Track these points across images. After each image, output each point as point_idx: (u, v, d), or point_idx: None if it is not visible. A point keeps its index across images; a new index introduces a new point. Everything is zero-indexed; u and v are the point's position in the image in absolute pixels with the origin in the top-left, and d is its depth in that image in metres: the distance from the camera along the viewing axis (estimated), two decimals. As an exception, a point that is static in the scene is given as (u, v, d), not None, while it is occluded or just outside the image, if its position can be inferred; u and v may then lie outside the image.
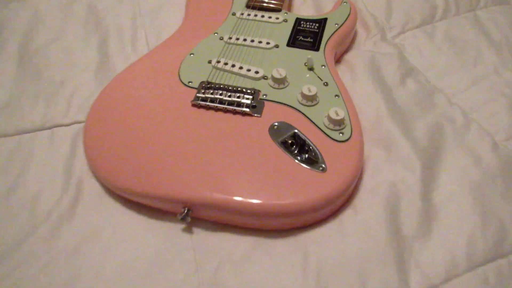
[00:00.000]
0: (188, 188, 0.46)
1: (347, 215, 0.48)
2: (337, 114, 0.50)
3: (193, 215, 0.47)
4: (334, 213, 0.48)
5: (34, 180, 0.53)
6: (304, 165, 0.47)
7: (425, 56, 0.66)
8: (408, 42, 0.69)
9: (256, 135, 0.50)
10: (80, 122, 0.60)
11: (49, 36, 0.71)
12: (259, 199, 0.45)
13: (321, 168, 0.47)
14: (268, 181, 0.46)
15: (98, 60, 0.68)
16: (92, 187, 0.52)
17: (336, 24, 0.65)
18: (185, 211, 0.46)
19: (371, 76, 0.62)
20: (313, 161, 0.48)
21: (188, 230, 0.48)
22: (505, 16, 0.71)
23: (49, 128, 0.59)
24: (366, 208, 0.48)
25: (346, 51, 0.68)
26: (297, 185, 0.46)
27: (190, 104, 0.54)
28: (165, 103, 0.55)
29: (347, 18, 0.66)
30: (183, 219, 0.46)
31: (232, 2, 0.70)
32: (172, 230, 0.48)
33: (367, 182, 0.50)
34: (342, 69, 0.64)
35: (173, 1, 0.77)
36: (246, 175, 0.47)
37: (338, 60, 0.67)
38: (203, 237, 0.48)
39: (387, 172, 0.51)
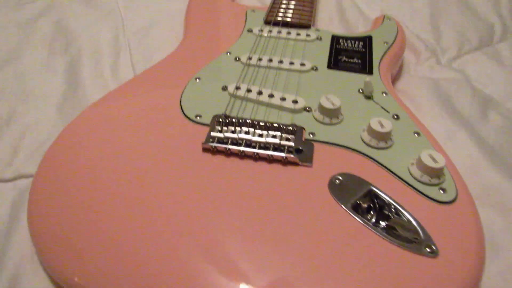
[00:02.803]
0: (213, 280, 0.27)
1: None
2: (434, 160, 0.32)
3: None
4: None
5: None
6: (401, 247, 0.29)
7: (498, 83, 0.51)
8: (470, 67, 0.54)
9: (311, 196, 0.32)
10: (28, 177, 0.40)
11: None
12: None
13: (429, 250, 0.28)
14: (343, 277, 0.27)
15: (64, 89, 0.50)
16: (36, 284, 0.32)
17: (385, 42, 0.49)
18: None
19: (443, 108, 0.46)
20: (414, 238, 0.29)
21: None
22: None
23: (-19, 185, 0.39)
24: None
25: (396, 78, 0.53)
26: (397, 282, 0.27)
27: (200, 148, 0.36)
28: (162, 148, 0.36)
29: (396, 36, 0.51)
30: None
31: (246, 17, 0.54)
32: None
33: (489, 264, 0.32)
34: (398, 100, 0.48)
35: (167, 18, 0.61)
36: (304, 265, 0.28)
37: (387, 89, 0.51)
38: None
39: (516, 248, 0.33)
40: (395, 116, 0.39)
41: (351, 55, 0.47)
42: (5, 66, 0.52)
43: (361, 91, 0.42)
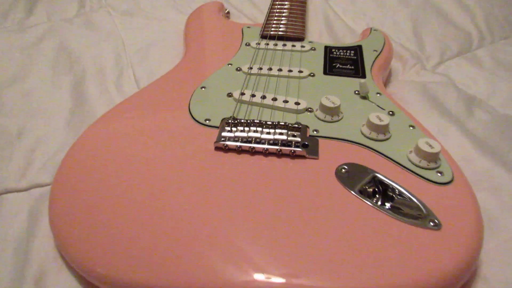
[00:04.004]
0: (236, 273, 0.28)
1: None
2: (430, 146, 0.35)
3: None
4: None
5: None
6: (407, 223, 0.31)
7: (480, 84, 0.55)
8: (453, 71, 0.58)
9: (322, 185, 0.34)
10: (42, 186, 0.41)
11: (5, 78, 0.55)
12: (360, 283, 0.27)
13: (432, 224, 0.31)
14: (360, 253, 0.29)
15: (71, 105, 0.51)
16: (61, 282, 0.33)
17: (374, 50, 0.53)
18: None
19: (432, 107, 0.50)
20: (418, 215, 0.31)
21: None
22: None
23: (-3, 195, 0.40)
24: (504, 276, 0.31)
25: (386, 83, 0.56)
26: (409, 254, 0.29)
27: (212, 148, 0.38)
28: (175, 150, 0.38)
29: (384, 44, 0.55)
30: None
31: (242, 33, 0.57)
32: None
33: (487, 240, 0.34)
34: (390, 102, 0.51)
35: (164, 38, 0.64)
36: (324, 245, 0.30)
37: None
38: None
39: (510, 222, 0.36)
40: (391, 113, 0.42)
41: (344, 62, 0.51)
42: (12, 85, 0.54)
43: (357, 92, 0.45)
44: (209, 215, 0.32)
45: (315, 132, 0.39)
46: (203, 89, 0.46)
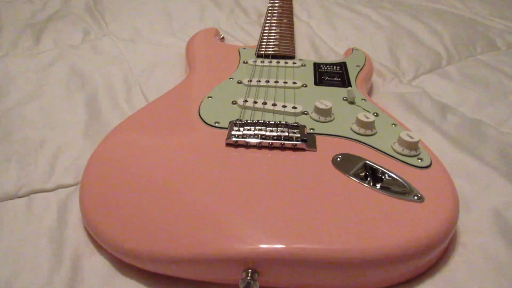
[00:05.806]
0: (253, 240, 0.33)
1: (457, 259, 0.36)
2: (410, 137, 0.42)
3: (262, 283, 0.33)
4: (439, 259, 0.37)
5: (5, 261, 0.36)
6: (395, 197, 0.36)
7: (451, 94, 0.63)
8: (427, 84, 0.66)
9: (321, 170, 0.40)
10: (67, 186, 0.46)
11: (23, 96, 0.59)
12: (358, 244, 0.33)
13: (416, 198, 0.36)
14: (358, 223, 0.34)
15: (86, 118, 0.56)
16: (96, 263, 0.37)
17: (357, 66, 0.61)
18: (249, 275, 0.32)
19: (411, 112, 0.57)
20: (403, 191, 0.37)
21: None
22: (509, 57, 0.73)
23: (25, 195, 0.44)
24: (480, 243, 0.37)
25: (369, 94, 0.63)
26: (398, 221, 0.34)
27: (224, 144, 0.43)
28: (191, 146, 0.43)
29: (365, 60, 0.63)
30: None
31: (239, 53, 0.64)
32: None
33: (464, 217, 0.40)
34: (374, 109, 0.58)
35: (167, 60, 0.71)
36: (329, 217, 0.35)
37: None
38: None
39: (483, 201, 0.42)
40: (375, 114, 0.49)
41: (332, 75, 0.58)
42: (30, 101, 0.58)
43: (345, 99, 0.52)
44: (225, 197, 0.37)
45: (311, 130, 0.45)
46: (209, 98, 0.52)
